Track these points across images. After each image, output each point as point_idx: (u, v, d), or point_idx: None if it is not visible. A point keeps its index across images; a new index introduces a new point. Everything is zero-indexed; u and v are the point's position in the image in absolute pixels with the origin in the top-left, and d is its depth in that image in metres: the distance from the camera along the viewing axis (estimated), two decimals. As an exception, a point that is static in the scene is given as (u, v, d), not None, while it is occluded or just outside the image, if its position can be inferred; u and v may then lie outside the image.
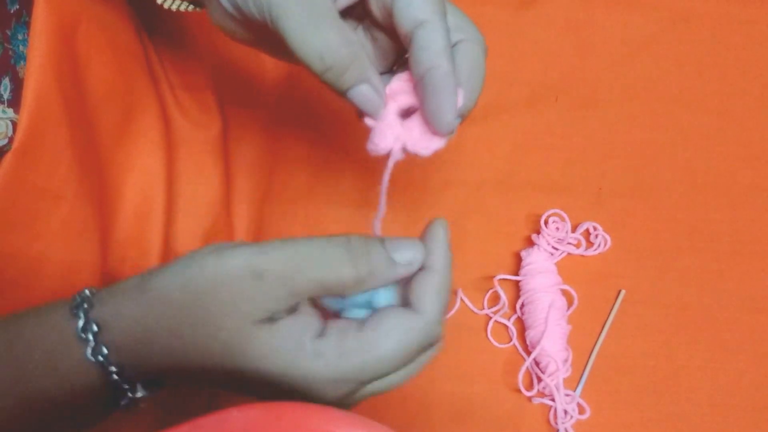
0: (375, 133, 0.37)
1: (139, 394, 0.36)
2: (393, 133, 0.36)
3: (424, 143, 0.36)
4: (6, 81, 0.42)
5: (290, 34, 0.34)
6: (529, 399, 0.55)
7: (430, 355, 0.36)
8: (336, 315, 0.36)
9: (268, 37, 0.37)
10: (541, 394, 0.55)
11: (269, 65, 0.64)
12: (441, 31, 0.34)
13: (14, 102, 0.42)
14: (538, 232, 0.59)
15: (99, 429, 0.38)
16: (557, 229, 0.59)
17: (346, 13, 0.38)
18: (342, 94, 0.36)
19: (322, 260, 0.33)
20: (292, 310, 0.34)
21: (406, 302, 0.35)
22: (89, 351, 0.33)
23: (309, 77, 0.63)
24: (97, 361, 0.33)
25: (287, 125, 0.64)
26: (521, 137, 0.65)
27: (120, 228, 0.52)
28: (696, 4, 0.69)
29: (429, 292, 0.34)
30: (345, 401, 0.34)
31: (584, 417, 0.54)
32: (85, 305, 0.34)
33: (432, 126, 0.35)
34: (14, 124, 0.42)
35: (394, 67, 0.41)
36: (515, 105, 0.66)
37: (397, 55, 0.40)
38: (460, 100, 0.36)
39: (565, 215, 0.59)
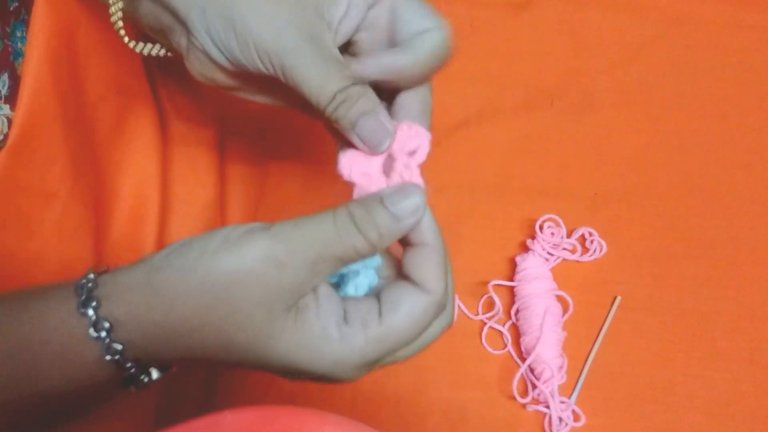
0: (362, 159, 0.37)
1: (154, 377, 0.37)
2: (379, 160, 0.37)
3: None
4: (5, 77, 0.42)
5: (305, 84, 0.35)
6: (524, 406, 0.55)
7: (443, 327, 0.37)
8: (334, 286, 0.37)
9: (258, 84, 0.40)
10: (536, 401, 0.55)
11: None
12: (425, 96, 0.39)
13: (11, 98, 0.43)
14: (533, 238, 0.59)
15: (96, 429, 0.39)
16: (552, 234, 0.59)
17: None
18: (348, 128, 0.36)
19: (335, 239, 0.34)
20: (314, 290, 0.35)
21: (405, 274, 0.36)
22: (104, 349, 0.33)
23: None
24: (113, 358, 0.34)
25: (282, 129, 0.63)
26: (516, 141, 0.65)
27: (115, 228, 0.52)
28: (692, 7, 0.70)
29: (430, 270, 0.35)
30: (360, 376, 0.36)
31: (579, 424, 0.54)
32: (94, 303, 0.33)
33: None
34: (10, 121, 0.42)
35: None
36: (510, 108, 0.66)
37: None
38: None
39: (560, 220, 0.59)
